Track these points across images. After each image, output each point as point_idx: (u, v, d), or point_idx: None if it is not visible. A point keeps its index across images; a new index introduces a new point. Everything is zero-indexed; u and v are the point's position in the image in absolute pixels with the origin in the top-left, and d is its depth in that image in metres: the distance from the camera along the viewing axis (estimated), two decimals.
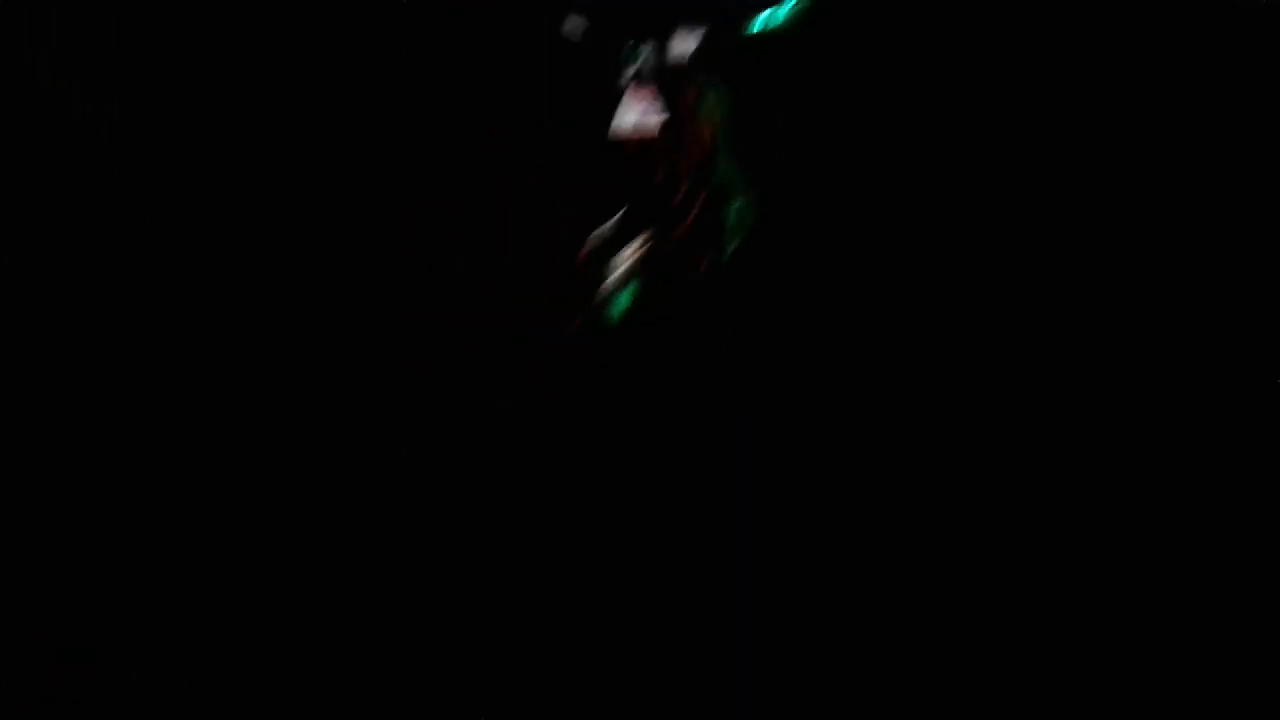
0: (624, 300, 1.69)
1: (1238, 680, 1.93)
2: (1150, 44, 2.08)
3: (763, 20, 1.70)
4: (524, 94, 2.10)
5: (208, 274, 2.09)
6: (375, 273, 2.12)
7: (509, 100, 2.11)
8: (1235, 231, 2.06)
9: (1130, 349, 2.06)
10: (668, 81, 1.66)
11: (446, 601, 2.01)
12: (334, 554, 2.02)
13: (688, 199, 1.66)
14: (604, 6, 1.75)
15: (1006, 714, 1.96)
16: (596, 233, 1.70)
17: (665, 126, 1.63)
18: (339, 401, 2.09)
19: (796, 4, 1.68)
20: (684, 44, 1.69)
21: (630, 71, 1.69)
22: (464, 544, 2.04)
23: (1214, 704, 1.93)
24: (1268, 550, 1.97)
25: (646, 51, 1.68)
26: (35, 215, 2.07)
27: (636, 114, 1.65)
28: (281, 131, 2.11)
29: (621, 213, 1.69)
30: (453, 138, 2.12)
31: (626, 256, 1.68)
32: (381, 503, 2.04)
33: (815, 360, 2.08)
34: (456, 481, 2.04)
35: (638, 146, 1.65)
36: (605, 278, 1.69)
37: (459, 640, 2.00)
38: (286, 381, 2.08)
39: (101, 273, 2.08)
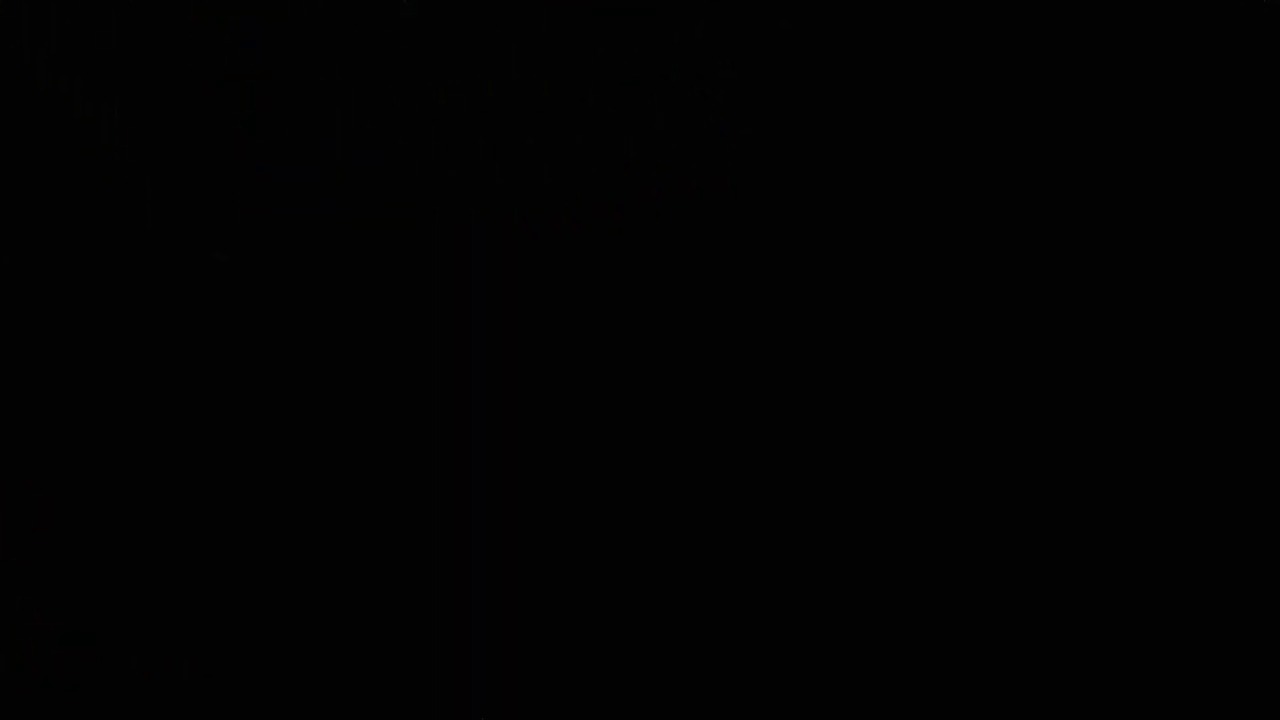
0: None
1: (1238, 680, 1.93)
2: (1151, 43, 2.08)
3: None
4: None
5: (207, 274, 2.09)
6: (377, 273, 2.12)
7: None
8: (1235, 231, 2.06)
9: (1127, 348, 2.06)
10: None
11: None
12: (327, 554, 2.02)
13: None
14: None
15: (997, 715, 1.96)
16: None
17: None
18: (339, 404, 2.09)
19: None
20: None
21: None
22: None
23: (1214, 704, 1.92)
24: (1268, 550, 1.97)
25: None
26: (35, 215, 2.08)
27: None
28: (281, 130, 2.11)
29: None
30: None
31: None
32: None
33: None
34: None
35: None
36: None
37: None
38: (287, 380, 2.08)
39: (101, 273, 2.08)
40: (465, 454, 2.07)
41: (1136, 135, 2.08)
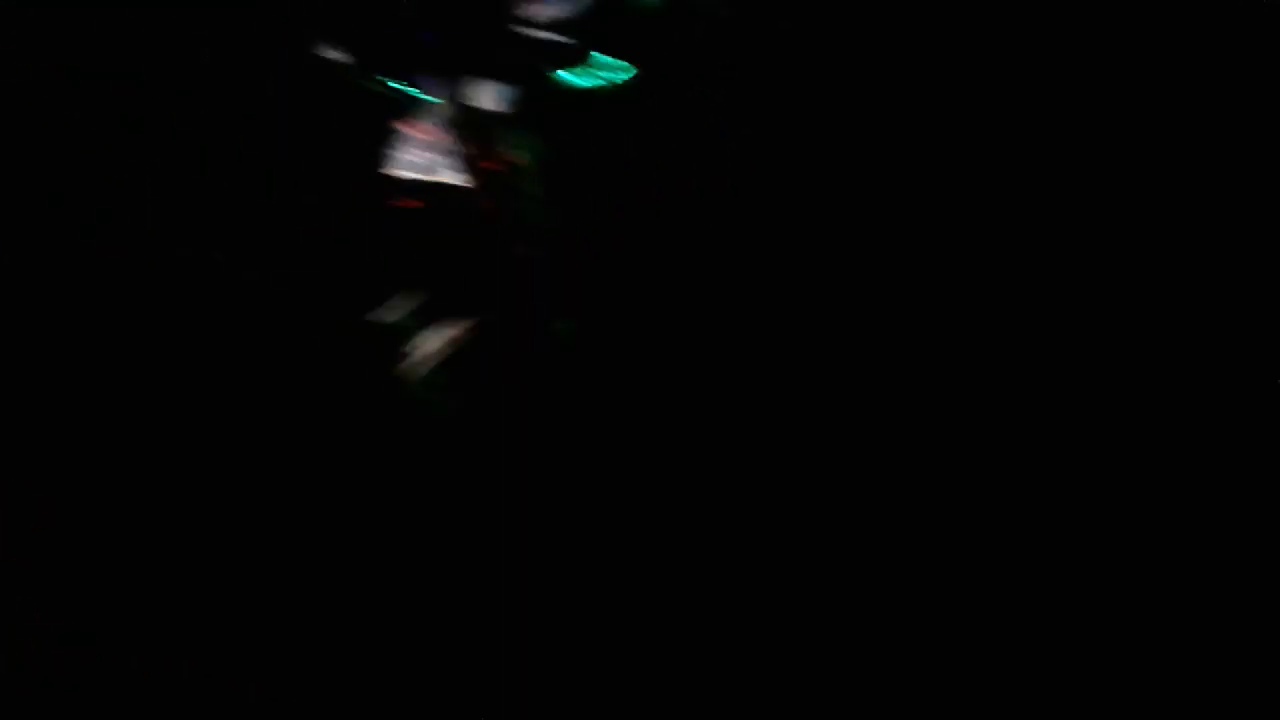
0: (437, 392, 1.51)
1: (1237, 680, 1.93)
2: (1151, 42, 2.08)
3: (574, 78, 1.57)
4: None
5: (207, 274, 2.10)
6: (376, 273, 2.13)
7: None
8: (1235, 231, 2.06)
9: (1124, 348, 2.06)
10: (471, 132, 1.50)
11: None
12: (328, 554, 2.03)
13: (506, 262, 1.50)
14: (368, 41, 1.58)
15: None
16: (392, 305, 1.53)
17: (475, 178, 1.47)
18: (338, 401, 2.09)
19: (609, 75, 1.55)
20: (488, 93, 1.55)
21: (418, 114, 1.53)
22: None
23: (1214, 704, 1.92)
24: (1268, 550, 1.97)
25: (435, 97, 1.52)
26: (35, 215, 2.08)
27: (424, 157, 1.50)
28: (281, 131, 2.12)
29: (421, 280, 1.51)
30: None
31: (436, 336, 1.50)
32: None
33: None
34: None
35: (429, 195, 1.49)
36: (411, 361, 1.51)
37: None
38: (287, 379, 2.09)
39: (101, 273, 2.08)
40: (465, 453, 2.08)
41: (1137, 135, 2.08)
